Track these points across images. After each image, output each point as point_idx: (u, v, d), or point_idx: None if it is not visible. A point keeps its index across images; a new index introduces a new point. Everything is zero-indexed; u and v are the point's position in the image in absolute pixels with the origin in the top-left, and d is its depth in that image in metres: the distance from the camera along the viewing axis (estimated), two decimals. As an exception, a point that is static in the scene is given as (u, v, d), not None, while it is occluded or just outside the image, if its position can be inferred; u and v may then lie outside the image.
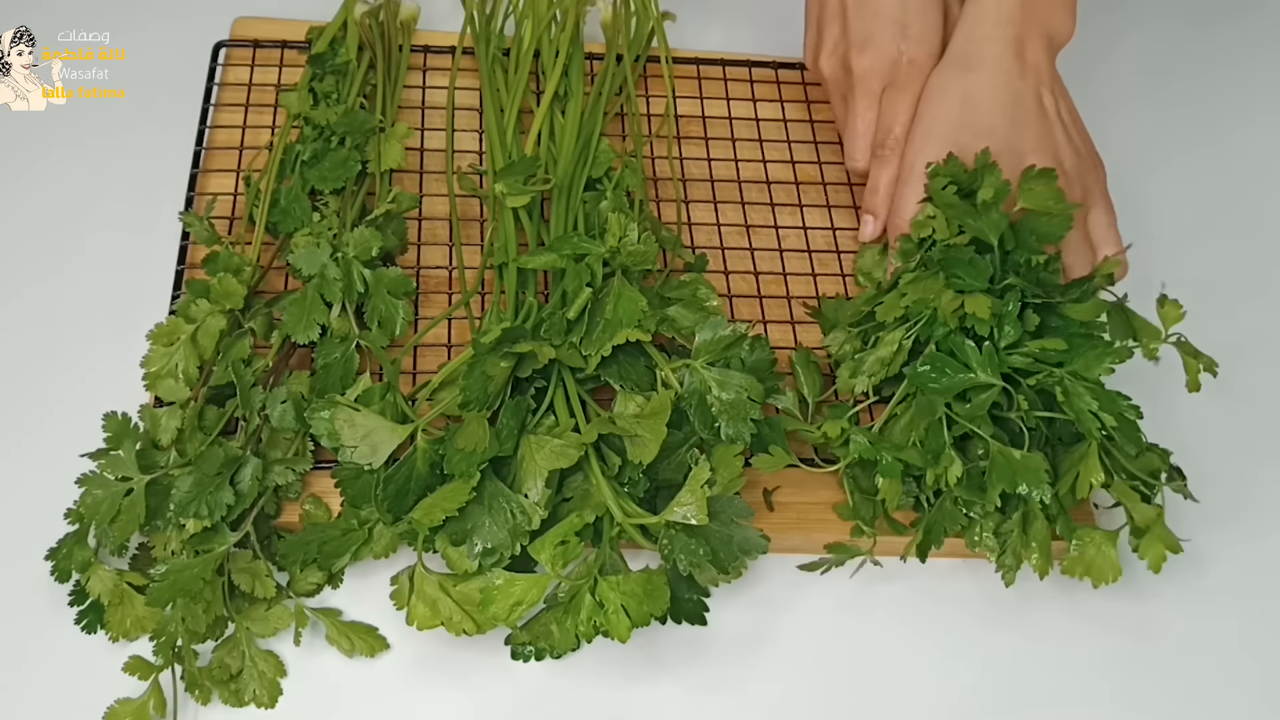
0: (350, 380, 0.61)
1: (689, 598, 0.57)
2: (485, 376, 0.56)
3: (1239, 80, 0.93)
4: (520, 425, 0.57)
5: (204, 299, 0.61)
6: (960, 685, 0.61)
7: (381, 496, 0.55)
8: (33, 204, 0.73)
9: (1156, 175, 0.86)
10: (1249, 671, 0.64)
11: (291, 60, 0.78)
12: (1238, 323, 0.75)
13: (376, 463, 0.56)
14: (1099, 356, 0.59)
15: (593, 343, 0.58)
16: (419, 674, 0.58)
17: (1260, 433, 0.72)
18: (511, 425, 0.56)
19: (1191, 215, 0.83)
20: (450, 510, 0.54)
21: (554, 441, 0.55)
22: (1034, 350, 0.59)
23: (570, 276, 0.60)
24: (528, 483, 0.55)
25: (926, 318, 0.62)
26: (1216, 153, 0.88)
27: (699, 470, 0.54)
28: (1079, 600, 0.64)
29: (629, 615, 0.52)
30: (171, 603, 0.55)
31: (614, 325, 0.58)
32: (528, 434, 0.56)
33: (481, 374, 0.56)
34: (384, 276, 0.63)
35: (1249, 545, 0.68)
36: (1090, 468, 0.58)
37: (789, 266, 0.73)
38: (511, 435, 0.56)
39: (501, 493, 0.55)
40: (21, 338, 0.67)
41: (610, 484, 0.56)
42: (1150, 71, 0.92)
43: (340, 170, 0.67)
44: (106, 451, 0.57)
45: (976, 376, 0.59)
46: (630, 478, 0.57)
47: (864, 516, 0.62)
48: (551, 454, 0.55)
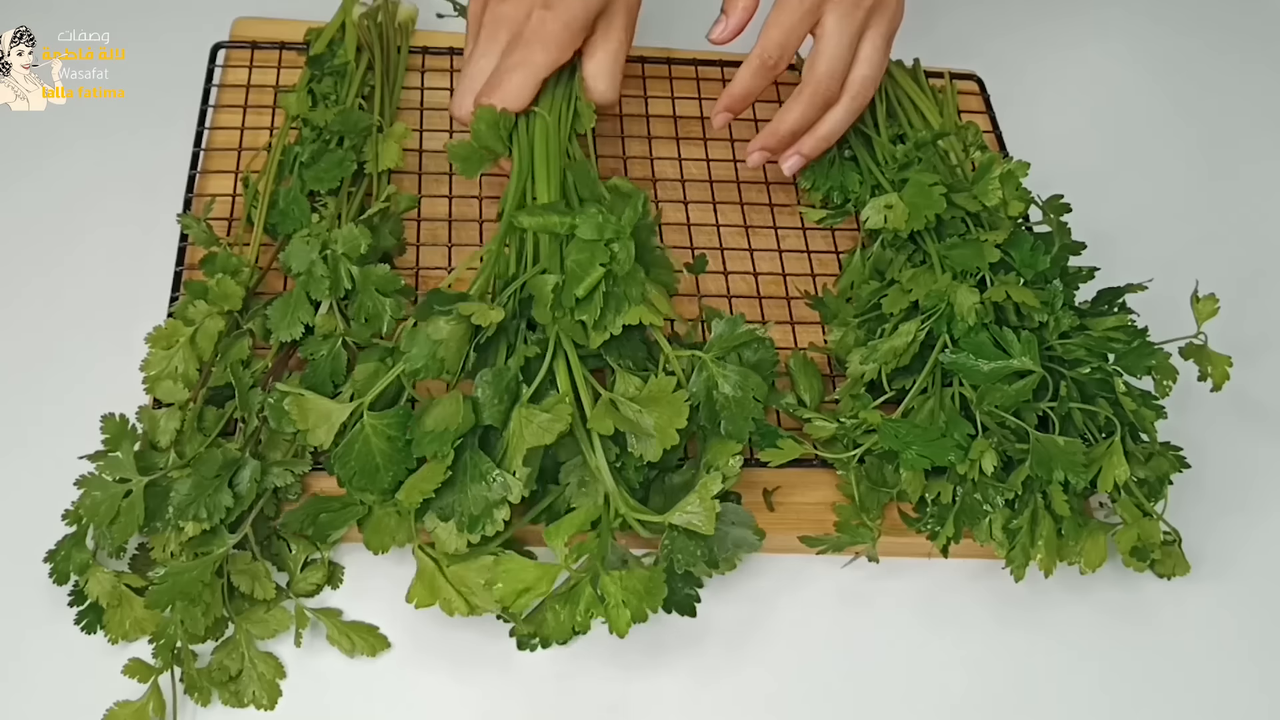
0: (341, 376, 0.61)
1: (682, 590, 0.57)
2: (430, 340, 0.54)
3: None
4: (511, 398, 0.55)
5: (202, 300, 0.61)
6: (961, 681, 0.61)
7: (343, 476, 0.55)
8: (32, 204, 0.73)
9: (1157, 174, 0.86)
10: (1255, 667, 0.64)
11: (290, 61, 0.78)
12: (1237, 322, 0.76)
13: (325, 444, 0.56)
14: (1141, 355, 0.60)
15: (603, 319, 0.57)
16: (420, 673, 0.58)
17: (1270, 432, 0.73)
18: (492, 397, 0.55)
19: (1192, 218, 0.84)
20: (427, 491, 0.53)
21: (542, 416, 0.54)
22: (1090, 340, 0.60)
23: (579, 250, 0.58)
24: (516, 459, 0.54)
25: (941, 311, 0.62)
26: (1220, 151, 0.88)
27: (710, 480, 0.54)
28: (1084, 598, 0.64)
29: (629, 610, 0.52)
30: (171, 605, 0.55)
31: (623, 304, 0.57)
32: (520, 406, 0.55)
33: (425, 336, 0.55)
34: (371, 274, 0.63)
35: (1256, 541, 0.68)
36: (1114, 463, 0.58)
37: (788, 267, 0.73)
38: (494, 408, 0.54)
39: (481, 463, 0.54)
40: (20, 338, 0.67)
41: (614, 472, 0.55)
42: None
43: (336, 170, 0.67)
44: (105, 453, 0.57)
45: (1017, 364, 0.60)
46: (627, 463, 0.56)
47: (870, 509, 0.62)
48: (538, 429, 0.54)
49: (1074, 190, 0.71)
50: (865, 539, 0.61)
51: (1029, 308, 0.62)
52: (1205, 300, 0.62)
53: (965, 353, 0.61)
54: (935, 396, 0.61)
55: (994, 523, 0.60)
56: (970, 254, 0.64)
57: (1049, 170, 0.73)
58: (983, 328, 0.62)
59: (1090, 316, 0.63)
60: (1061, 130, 0.88)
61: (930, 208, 0.65)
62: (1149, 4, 0.98)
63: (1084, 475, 0.58)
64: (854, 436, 0.62)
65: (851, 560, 0.63)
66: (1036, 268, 0.64)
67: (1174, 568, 0.62)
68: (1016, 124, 0.83)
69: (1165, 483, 0.61)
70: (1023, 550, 0.59)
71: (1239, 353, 0.64)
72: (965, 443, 0.60)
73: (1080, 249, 0.67)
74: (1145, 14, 0.97)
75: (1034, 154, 0.74)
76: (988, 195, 0.66)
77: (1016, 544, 0.59)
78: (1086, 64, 0.93)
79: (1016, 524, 0.60)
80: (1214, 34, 0.97)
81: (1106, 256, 0.69)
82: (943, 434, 0.60)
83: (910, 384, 0.63)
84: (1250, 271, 0.81)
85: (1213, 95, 0.93)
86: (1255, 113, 0.92)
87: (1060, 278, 0.64)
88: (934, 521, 0.61)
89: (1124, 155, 0.87)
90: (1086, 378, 0.61)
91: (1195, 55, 0.95)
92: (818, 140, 0.70)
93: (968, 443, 0.60)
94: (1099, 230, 0.71)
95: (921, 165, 0.69)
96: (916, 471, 0.60)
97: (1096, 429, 0.61)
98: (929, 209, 0.65)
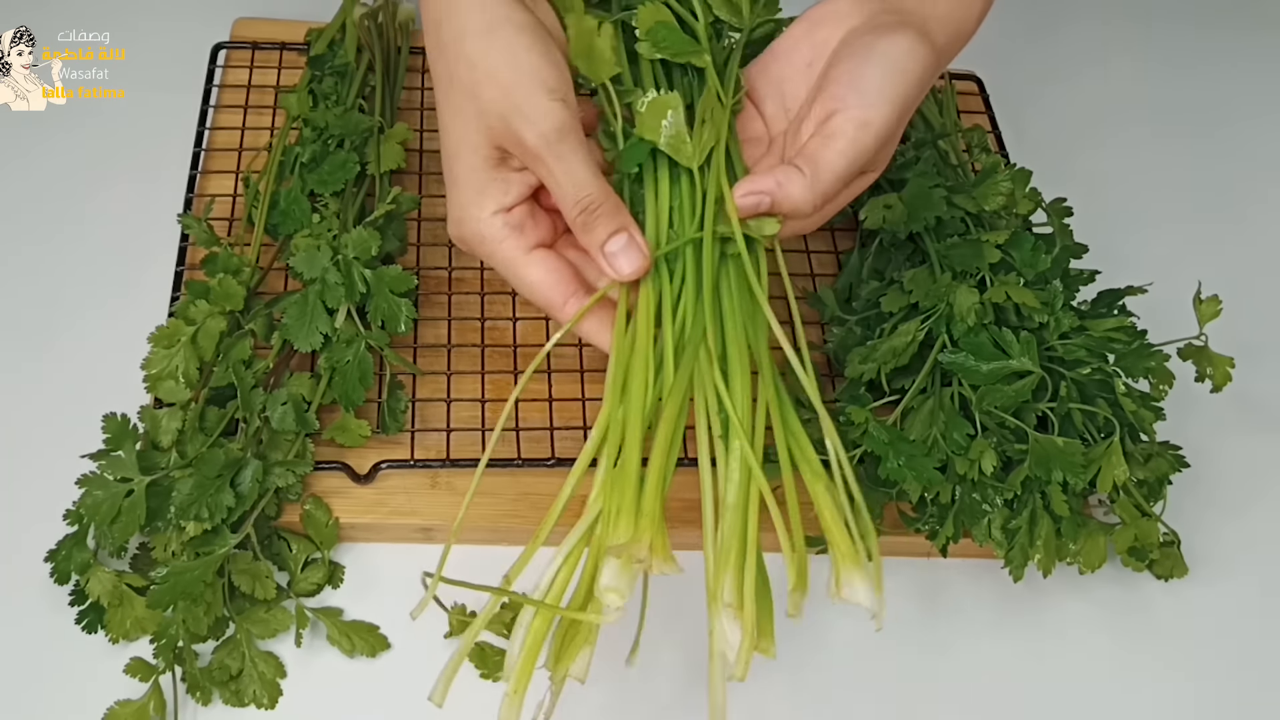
0: (369, 380, 0.61)
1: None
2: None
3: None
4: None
5: (204, 300, 0.61)
6: (960, 681, 0.61)
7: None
8: (32, 204, 0.73)
9: (1157, 174, 0.86)
10: (1254, 668, 0.64)
11: (290, 62, 0.78)
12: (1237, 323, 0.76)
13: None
14: (1140, 357, 0.60)
15: None
16: (420, 674, 0.58)
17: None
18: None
19: (1190, 215, 0.84)
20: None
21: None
22: (1090, 341, 0.61)
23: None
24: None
25: (941, 311, 0.62)
26: (1221, 151, 0.88)
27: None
28: (1082, 598, 0.64)
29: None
30: (172, 605, 0.55)
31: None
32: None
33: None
34: (385, 275, 0.63)
35: (1256, 541, 0.68)
36: (1113, 463, 0.58)
37: (787, 266, 0.73)
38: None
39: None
40: (21, 338, 0.67)
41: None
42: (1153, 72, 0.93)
43: (339, 173, 0.67)
44: (107, 452, 0.57)
45: (1017, 364, 0.60)
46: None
47: (870, 509, 0.62)
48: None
49: (1073, 190, 0.71)
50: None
51: (1029, 308, 0.62)
52: (1208, 302, 0.62)
53: (965, 353, 0.61)
54: (934, 397, 0.62)
55: (993, 523, 0.60)
56: (970, 254, 0.64)
57: (1048, 170, 0.73)
58: (982, 328, 0.62)
59: (1090, 318, 0.63)
60: (1061, 130, 0.88)
61: (930, 209, 0.65)
62: (1149, 4, 0.98)
63: (1083, 476, 0.58)
64: (853, 437, 0.62)
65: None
66: (1037, 268, 0.64)
67: (1172, 569, 0.63)
68: (1016, 124, 0.83)
69: (1164, 483, 0.62)
70: (1021, 550, 0.59)
71: (1238, 353, 0.64)
72: (959, 449, 0.60)
73: (1083, 251, 0.67)
74: (1145, 14, 0.97)
75: (1033, 154, 0.75)
76: (989, 199, 0.66)
77: (1015, 544, 0.59)
78: (1086, 64, 0.93)
79: (1015, 524, 0.60)
80: (1214, 34, 0.97)
81: (1106, 257, 0.69)
82: (928, 451, 0.60)
83: (910, 384, 0.63)
84: (1250, 272, 0.81)
85: (1213, 95, 0.93)
86: (1256, 113, 0.92)
87: (1061, 279, 0.64)
88: (933, 521, 0.61)
89: (1124, 156, 0.87)
90: (1086, 378, 0.61)
91: (1195, 55, 0.95)
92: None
93: (965, 444, 0.60)
94: (1098, 230, 0.71)
95: (921, 165, 0.69)
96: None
97: (1096, 429, 0.61)
98: (929, 210, 0.65)
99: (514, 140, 0.51)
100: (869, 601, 0.45)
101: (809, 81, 0.56)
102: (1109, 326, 0.62)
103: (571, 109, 0.51)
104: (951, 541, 0.60)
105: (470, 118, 0.52)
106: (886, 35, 0.53)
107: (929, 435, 0.61)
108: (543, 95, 0.51)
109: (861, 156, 0.52)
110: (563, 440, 0.65)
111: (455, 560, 0.61)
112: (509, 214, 0.53)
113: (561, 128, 0.51)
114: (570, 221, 0.52)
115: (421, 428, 0.64)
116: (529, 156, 0.51)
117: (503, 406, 0.66)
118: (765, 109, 0.58)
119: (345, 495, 0.62)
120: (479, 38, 0.51)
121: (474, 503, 0.62)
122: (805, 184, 0.52)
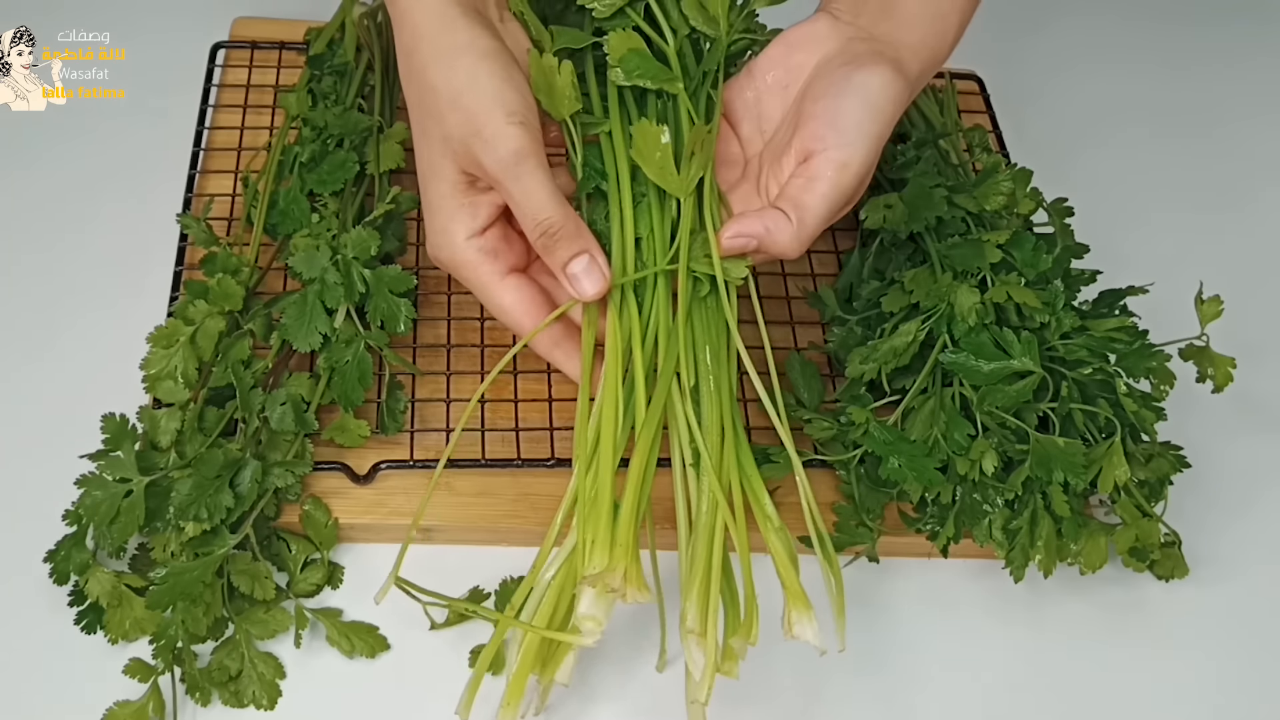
0: (369, 380, 0.61)
1: None
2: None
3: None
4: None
5: (203, 300, 0.61)
6: (960, 681, 0.61)
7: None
8: (31, 204, 0.73)
9: (1158, 174, 0.86)
10: (1255, 668, 0.64)
11: (290, 61, 0.78)
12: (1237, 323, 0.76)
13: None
14: (1142, 357, 0.61)
15: None
16: (420, 674, 0.58)
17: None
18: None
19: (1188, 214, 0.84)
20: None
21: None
22: (1092, 341, 0.61)
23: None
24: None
25: (942, 311, 0.62)
26: (1221, 151, 0.88)
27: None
28: (1083, 598, 0.64)
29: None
30: (171, 605, 0.55)
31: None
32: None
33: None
34: (384, 275, 0.63)
35: (1256, 541, 0.68)
36: (1114, 463, 0.58)
37: (787, 266, 0.73)
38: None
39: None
40: (21, 337, 0.67)
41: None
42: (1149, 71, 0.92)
43: (339, 173, 0.67)
44: (106, 453, 0.57)
45: (1018, 364, 0.60)
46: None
47: (870, 509, 0.62)
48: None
49: (1074, 190, 0.71)
50: (865, 539, 0.61)
51: (1030, 308, 0.62)
52: (1209, 302, 0.62)
53: (965, 353, 0.61)
54: (935, 397, 0.62)
55: (994, 523, 0.60)
56: (971, 254, 0.64)
57: (1049, 170, 0.73)
58: (983, 328, 0.62)
59: (1091, 318, 0.63)
60: (1062, 130, 0.88)
61: (931, 209, 0.65)
62: (1149, 4, 0.98)
63: (1084, 476, 0.58)
64: (854, 437, 0.62)
65: (852, 560, 0.63)
66: (1038, 268, 0.64)
67: (1173, 569, 0.63)
68: (1017, 124, 0.83)
69: (1165, 484, 0.62)
70: (1022, 551, 0.59)
71: (1240, 354, 0.64)
72: (960, 449, 0.60)
73: (1084, 252, 0.67)
74: (1145, 14, 0.97)
75: (1034, 154, 0.75)
76: (990, 199, 0.66)
77: (1016, 544, 0.59)
78: (1086, 64, 0.93)
79: (1016, 524, 0.60)
80: (1214, 34, 0.97)
81: (1107, 257, 0.69)
82: (929, 452, 0.60)
83: (910, 384, 0.63)
84: (1252, 272, 0.81)
85: (1212, 95, 0.93)
86: (1256, 113, 0.92)
87: (1062, 279, 0.64)
88: (934, 521, 0.61)
89: (1124, 156, 0.87)
90: (1087, 378, 0.61)
91: (1195, 55, 0.95)
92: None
93: (966, 445, 0.60)
94: (1099, 230, 0.71)
95: (922, 165, 0.69)
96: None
97: (1097, 430, 0.61)
98: (930, 210, 0.65)
99: (475, 164, 0.52)
100: (816, 640, 0.48)
101: (785, 104, 0.58)
102: (1110, 326, 0.62)
103: (532, 132, 0.52)
104: (952, 542, 0.60)
105: (437, 143, 0.53)
106: (862, 68, 0.54)
107: (930, 435, 0.61)
108: (501, 119, 0.51)
109: (842, 197, 0.54)
110: (562, 440, 0.65)
111: (456, 560, 0.62)
112: (482, 238, 0.54)
113: (519, 151, 0.51)
114: (533, 243, 0.53)
115: (421, 428, 0.64)
116: (491, 180, 0.52)
117: (502, 406, 0.66)
118: (741, 130, 0.59)
119: (344, 495, 0.61)
120: (443, 64, 0.52)
121: (474, 503, 0.63)
122: (792, 232, 0.53)
